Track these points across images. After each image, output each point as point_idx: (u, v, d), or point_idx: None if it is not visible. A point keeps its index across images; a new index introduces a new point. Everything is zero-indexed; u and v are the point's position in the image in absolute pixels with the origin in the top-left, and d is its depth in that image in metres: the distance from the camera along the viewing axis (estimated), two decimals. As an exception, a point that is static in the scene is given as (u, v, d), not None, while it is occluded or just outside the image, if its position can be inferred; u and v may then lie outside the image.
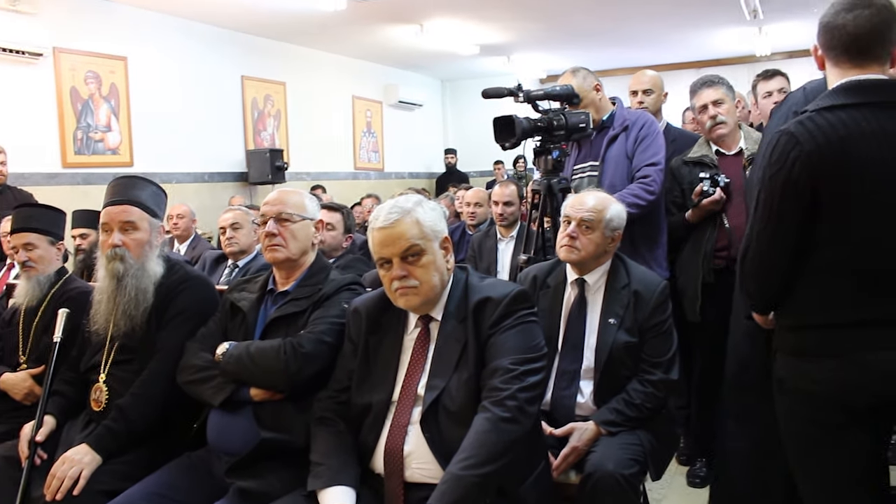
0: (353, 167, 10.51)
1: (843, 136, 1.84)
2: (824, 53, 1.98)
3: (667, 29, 9.16)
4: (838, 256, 1.89)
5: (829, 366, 1.92)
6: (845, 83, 1.90)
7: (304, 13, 7.57)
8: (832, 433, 1.94)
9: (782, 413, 2.05)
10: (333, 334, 2.30)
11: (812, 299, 1.94)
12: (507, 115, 3.04)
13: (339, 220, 3.93)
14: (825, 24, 1.95)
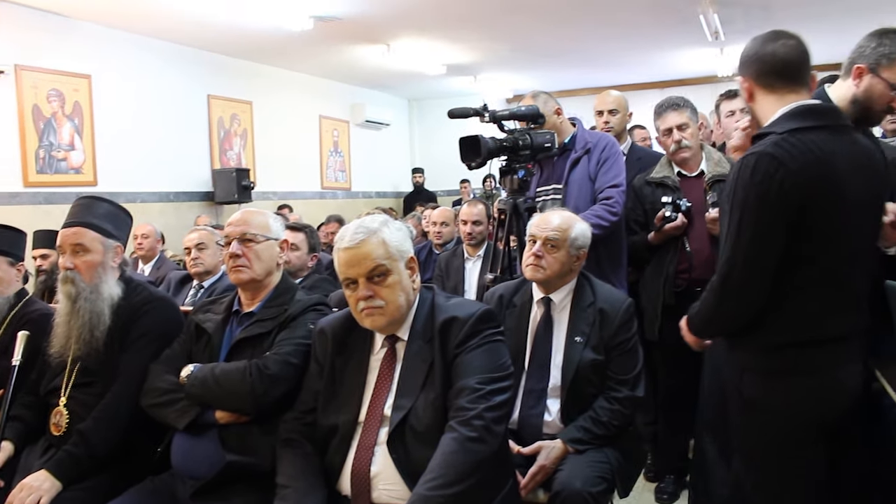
0: (320, 186, 10.48)
1: (820, 156, 1.90)
2: (755, 82, 2.06)
3: (630, 50, 9.28)
4: (813, 274, 1.94)
5: (804, 383, 1.97)
6: (798, 108, 1.98)
7: (271, 33, 7.56)
8: (804, 448, 2.01)
9: (752, 431, 2.08)
10: (299, 355, 2.29)
11: (785, 318, 1.97)
12: (472, 135, 3.06)
13: (303, 239, 3.91)
14: (753, 54, 2.05)
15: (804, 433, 2.00)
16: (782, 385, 1.99)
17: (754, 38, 2.07)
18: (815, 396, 1.97)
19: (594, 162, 3.40)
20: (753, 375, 2.04)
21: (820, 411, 1.99)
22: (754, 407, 2.04)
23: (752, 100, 2.09)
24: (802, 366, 1.97)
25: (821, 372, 1.97)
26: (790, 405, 1.98)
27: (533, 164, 3.25)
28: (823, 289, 1.96)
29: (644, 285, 3.53)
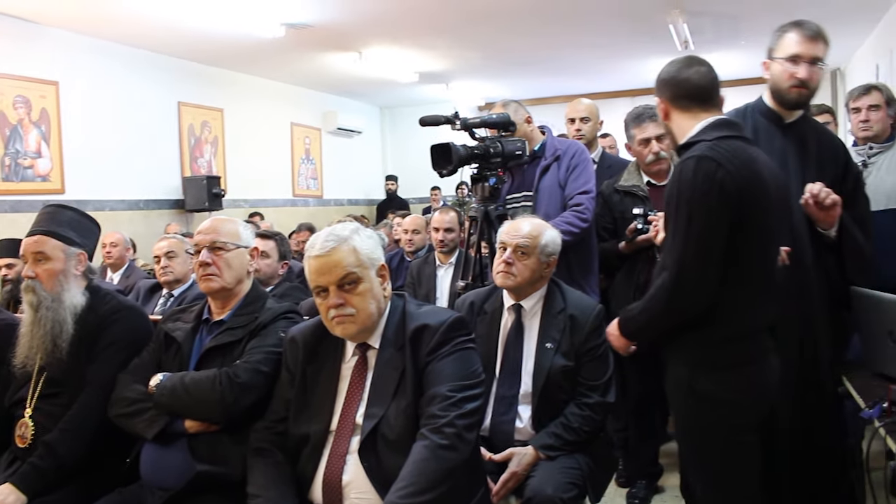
0: (291, 194, 10.44)
1: (747, 159, 2.08)
2: (670, 104, 2.24)
3: (601, 58, 9.36)
4: (744, 269, 2.09)
5: (747, 373, 2.15)
6: (717, 121, 2.17)
7: (242, 40, 7.53)
8: (749, 435, 2.18)
9: (701, 424, 2.20)
10: (270, 364, 2.27)
11: (722, 313, 2.11)
12: (444, 143, 3.07)
13: (273, 247, 3.89)
14: (669, 79, 2.23)
15: (747, 420, 2.17)
16: (730, 377, 2.13)
17: (670, 63, 2.26)
18: (757, 384, 2.16)
19: (564, 169, 3.42)
20: (704, 370, 2.15)
21: (761, 398, 2.19)
22: (707, 400, 2.14)
23: (668, 118, 2.27)
24: (745, 356, 2.15)
25: (759, 361, 2.17)
26: (738, 395, 2.14)
27: (504, 171, 3.26)
28: (752, 284, 2.12)
29: (615, 292, 3.55)
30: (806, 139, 2.57)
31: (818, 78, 2.50)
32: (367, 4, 6.70)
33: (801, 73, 2.47)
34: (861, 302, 2.56)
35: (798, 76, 2.47)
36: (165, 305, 3.99)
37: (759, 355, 2.18)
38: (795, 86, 2.48)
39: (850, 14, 7.59)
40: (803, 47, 2.48)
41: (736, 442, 2.17)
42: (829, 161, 2.56)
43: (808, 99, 2.53)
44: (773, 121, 2.60)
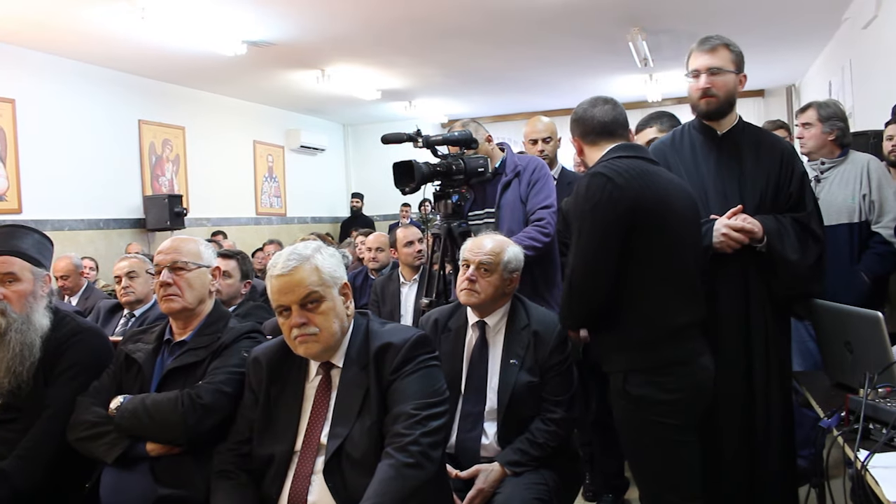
0: (254, 212, 10.38)
1: (642, 173, 2.26)
2: (582, 140, 2.47)
3: (563, 76, 9.46)
4: (653, 274, 2.25)
5: (677, 373, 2.25)
6: (619, 145, 2.38)
7: (204, 57, 7.49)
8: (685, 435, 2.28)
9: (636, 426, 2.31)
10: (233, 384, 2.25)
11: (642, 315, 2.26)
12: (406, 160, 3.07)
13: (235, 266, 3.86)
14: (578, 118, 2.46)
15: (681, 420, 2.27)
16: (660, 378, 2.25)
17: (580, 104, 2.48)
18: (688, 384, 2.27)
19: (525, 184, 3.44)
20: (637, 374, 2.27)
21: (694, 398, 2.29)
22: (640, 402, 2.26)
23: (582, 154, 2.48)
24: (672, 357, 2.26)
25: (687, 361, 2.28)
26: (669, 395, 2.24)
27: (467, 188, 3.27)
28: (669, 285, 2.27)
29: None
30: (741, 148, 2.63)
31: (722, 84, 2.59)
32: (330, 23, 6.72)
33: (700, 84, 2.59)
34: (819, 313, 2.61)
35: (699, 87, 2.59)
36: (126, 326, 3.93)
37: (686, 356, 2.29)
38: (701, 97, 2.60)
39: (802, 32, 7.79)
40: (700, 60, 2.61)
41: (672, 441, 2.27)
42: (769, 167, 2.61)
43: (718, 106, 2.60)
44: (707, 134, 2.67)
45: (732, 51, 2.61)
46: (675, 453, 2.28)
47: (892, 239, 3.39)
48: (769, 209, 2.57)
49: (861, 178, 3.46)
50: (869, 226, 3.45)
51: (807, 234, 2.58)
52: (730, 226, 2.47)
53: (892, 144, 3.98)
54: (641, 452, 2.34)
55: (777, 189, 2.59)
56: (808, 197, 2.65)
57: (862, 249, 3.43)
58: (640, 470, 2.38)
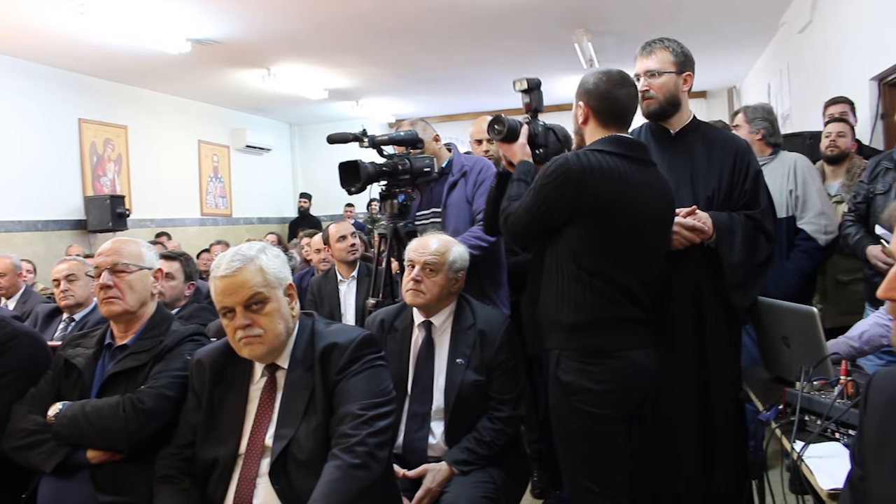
0: (199, 213, 10.23)
1: (606, 171, 2.27)
2: (593, 114, 2.40)
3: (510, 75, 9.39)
4: (597, 267, 2.28)
5: (608, 365, 2.27)
6: (611, 137, 2.36)
7: (147, 55, 7.36)
8: (614, 426, 2.29)
9: (564, 413, 2.33)
10: (176, 388, 2.22)
11: (574, 302, 2.29)
12: (351, 160, 3.06)
13: (179, 268, 3.79)
14: (602, 92, 2.38)
15: (610, 411, 2.27)
16: (591, 367, 2.27)
17: (604, 76, 2.40)
18: (620, 377, 2.28)
19: (471, 184, 3.46)
20: (567, 360, 2.30)
21: (625, 391, 2.29)
22: (569, 388, 2.29)
23: (585, 123, 2.43)
24: (604, 348, 2.29)
25: (620, 354, 2.29)
26: (599, 385, 2.26)
27: (413, 188, 3.27)
28: (610, 279, 2.29)
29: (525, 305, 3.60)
30: (693, 147, 2.67)
31: (660, 86, 2.64)
32: (275, 21, 6.66)
33: (639, 87, 2.63)
34: (758, 309, 2.68)
35: (639, 90, 2.63)
36: (66, 331, 3.84)
37: (616, 348, 2.30)
38: (641, 99, 2.64)
39: (743, 36, 7.96)
40: (638, 65, 2.68)
41: (599, 432, 2.28)
42: (722, 164, 2.65)
43: (658, 107, 2.66)
44: (660, 134, 2.71)
45: (672, 52, 2.65)
46: (598, 443, 2.29)
47: (817, 235, 3.50)
48: (721, 206, 2.61)
49: (788, 175, 3.58)
50: (795, 221, 3.57)
51: (759, 231, 2.63)
52: (681, 224, 2.50)
53: (830, 140, 4.11)
54: (567, 438, 2.35)
55: (731, 186, 2.63)
56: (762, 194, 2.70)
57: (790, 243, 3.54)
58: (564, 454, 2.39)
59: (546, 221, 2.32)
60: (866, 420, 1.43)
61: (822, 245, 3.55)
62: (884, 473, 1.34)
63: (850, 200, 3.59)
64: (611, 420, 2.28)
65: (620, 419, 2.30)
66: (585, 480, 2.32)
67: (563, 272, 2.31)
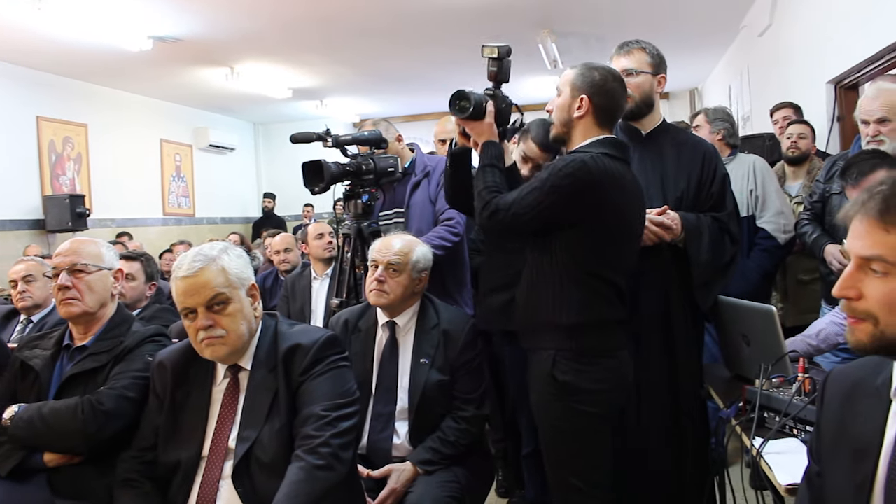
0: (162, 213, 10.09)
1: (616, 176, 2.26)
2: (594, 110, 2.33)
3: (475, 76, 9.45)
4: (598, 269, 2.27)
5: (605, 365, 2.28)
6: (607, 139, 2.34)
7: (107, 52, 7.23)
8: (604, 424, 2.31)
9: (558, 412, 2.29)
10: (137, 389, 2.20)
11: (583, 302, 2.26)
12: (315, 160, 3.05)
13: (139, 269, 3.74)
14: (609, 91, 2.34)
15: (603, 410, 2.29)
16: (590, 367, 2.26)
17: (611, 74, 2.37)
18: (614, 376, 2.30)
19: (434, 185, 3.46)
20: (566, 360, 2.26)
21: (618, 390, 2.32)
22: (567, 389, 2.26)
23: (582, 118, 2.35)
24: (602, 348, 2.29)
25: (614, 354, 2.31)
26: (597, 384, 2.26)
27: (376, 188, 3.27)
28: (607, 281, 2.29)
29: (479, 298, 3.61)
30: (663, 149, 2.71)
31: (637, 85, 2.66)
32: (239, 19, 6.60)
33: None
34: (719, 308, 2.72)
35: None
36: (24, 332, 3.77)
37: (614, 348, 2.32)
38: None
39: (704, 38, 8.07)
40: (615, 64, 2.68)
41: (591, 430, 2.29)
42: (691, 166, 2.69)
43: (636, 105, 2.67)
44: (632, 135, 2.73)
45: (649, 53, 2.68)
46: (589, 442, 2.30)
47: (777, 234, 3.57)
48: (689, 208, 2.64)
49: (748, 175, 3.64)
50: (755, 220, 3.63)
51: (724, 233, 2.67)
52: (653, 221, 2.53)
53: (792, 141, 4.18)
54: (557, 437, 2.33)
55: (699, 188, 2.67)
56: (728, 198, 2.74)
57: (751, 242, 3.60)
58: (552, 453, 2.37)
59: (551, 220, 2.27)
60: (823, 417, 1.46)
61: (781, 243, 3.61)
62: (839, 469, 1.37)
63: (807, 199, 3.66)
64: (602, 419, 2.29)
65: (610, 418, 2.33)
66: (572, 478, 2.31)
67: (561, 273, 2.28)
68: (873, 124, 3.06)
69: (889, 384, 1.31)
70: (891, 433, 1.28)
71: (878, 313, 1.22)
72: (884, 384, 1.33)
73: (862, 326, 1.25)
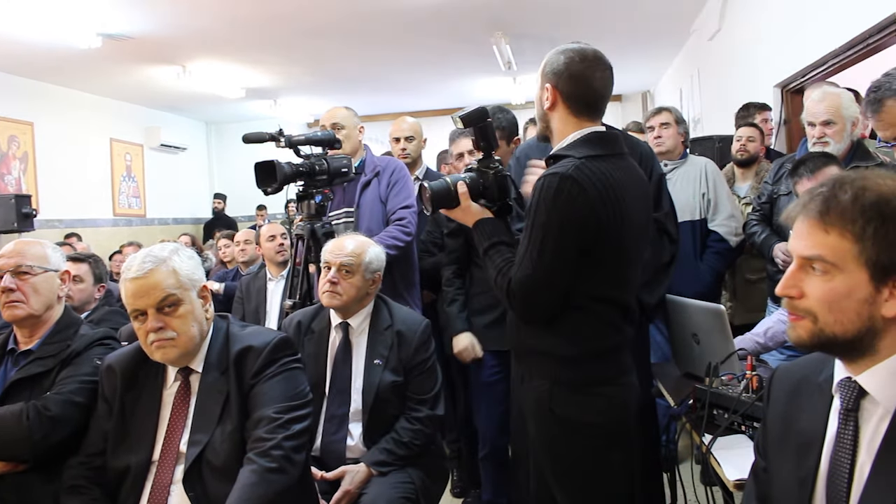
0: (111, 213, 9.91)
1: (612, 183, 1.97)
2: (562, 99, 2.06)
3: (429, 77, 9.54)
4: (596, 291, 2.01)
5: (606, 393, 2.04)
6: (591, 134, 2.05)
7: (55, 49, 7.08)
8: (614, 454, 2.06)
9: (562, 449, 2.08)
10: (84, 394, 2.16)
11: (586, 330, 2.02)
12: (268, 160, 3.02)
13: (87, 270, 3.66)
14: (574, 73, 2.03)
15: (609, 440, 2.06)
16: (590, 399, 2.03)
17: (578, 54, 2.05)
18: (617, 404, 2.05)
19: (384, 185, 3.47)
20: (564, 391, 2.04)
21: (622, 418, 2.07)
22: (567, 423, 2.04)
23: (553, 109, 2.09)
24: (603, 377, 2.05)
25: (617, 381, 2.06)
26: (598, 416, 2.03)
27: (330, 189, 3.25)
28: (610, 304, 2.04)
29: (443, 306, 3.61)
30: None
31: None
32: (190, 17, 6.51)
33: None
34: (669, 307, 2.76)
35: None
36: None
37: (617, 374, 2.07)
38: None
39: (655, 41, 8.19)
40: None
41: (601, 462, 2.06)
42: None
43: None
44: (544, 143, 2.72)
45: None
46: (603, 475, 2.07)
47: (728, 237, 3.63)
48: None
49: (700, 179, 3.70)
50: (707, 223, 3.69)
51: (662, 234, 2.70)
52: None
53: (741, 144, 4.27)
54: (567, 474, 2.11)
55: None
56: (664, 198, 2.77)
57: (703, 244, 3.66)
58: (564, 492, 2.13)
59: (567, 263, 1.96)
60: (769, 413, 1.50)
61: (733, 246, 3.67)
62: (784, 463, 1.40)
63: (755, 201, 3.74)
64: (612, 448, 2.06)
65: (621, 445, 2.08)
66: None
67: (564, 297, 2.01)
68: (819, 126, 3.14)
69: (831, 380, 1.35)
70: (832, 428, 1.32)
71: (818, 311, 1.25)
72: (826, 380, 1.36)
73: (802, 323, 1.28)
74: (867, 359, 1.27)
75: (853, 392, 1.29)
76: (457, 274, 3.32)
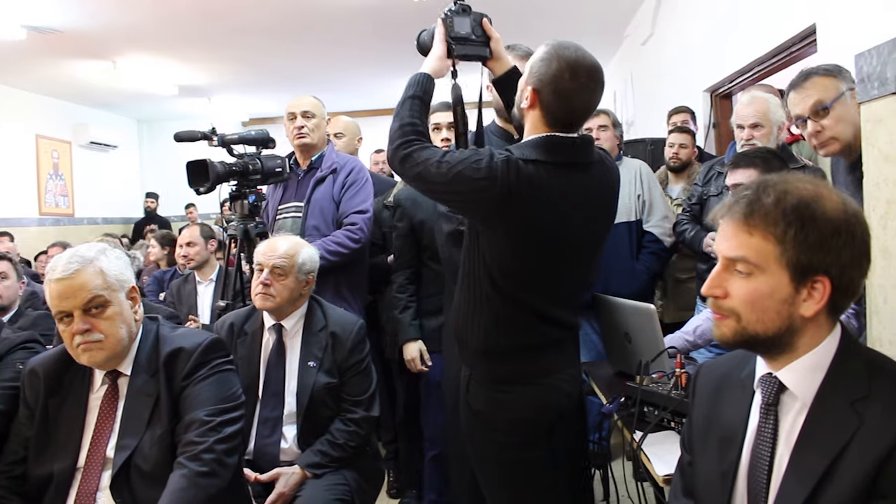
0: (38, 212, 9.61)
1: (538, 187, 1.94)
2: (541, 106, 1.99)
3: (367, 76, 9.51)
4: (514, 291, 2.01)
5: (525, 393, 2.05)
6: (550, 139, 1.99)
7: (-25, 42, 6.85)
8: (529, 452, 2.07)
9: (477, 441, 2.13)
10: (6, 400, 2.09)
11: (498, 325, 2.03)
12: (200, 159, 2.97)
13: (10, 267, 3.54)
14: (561, 91, 1.95)
15: (527, 438, 2.07)
16: (505, 396, 2.06)
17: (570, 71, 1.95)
18: (536, 403, 2.05)
19: (339, 185, 3.35)
20: (478, 387, 2.10)
21: (541, 417, 2.06)
22: (481, 418, 2.10)
23: (531, 109, 2.02)
24: (521, 375, 2.06)
25: (539, 380, 2.06)
26: (514, 413, 2.05)
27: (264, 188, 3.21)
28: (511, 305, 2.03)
29: (386, 305, 3.59)
30: None
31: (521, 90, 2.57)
32: (121, 11, 6.36)
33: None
34: (601, 307, 2.80)
35: None
36: None
37: (534, 374, 2.06)
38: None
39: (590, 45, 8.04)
40: None
41: (516, 458, 2.08)
42: None
43: None
44: (504, 138, 2.72)
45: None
46: (518, 472, 2.09)
47: (663, 237, 3.70)
48: None
49: (635, 181, 3.75)
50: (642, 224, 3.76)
51: None
52: None
53: (673, 151, 4.36)
54: (485, 467, 2.16)
55: None
56: None
57: (639, 245, 3.72)
58: (485, 483, 2.19)
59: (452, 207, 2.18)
60: (694, 408, 1.54)
61: (667, 246, 3.75)
62: (708, 457, 1.44)
63: (685, 202, 3.82)
64: (529, 446, 2.06)
65: (537, 444, 2.07)
66: None
67: (475, 286, 2.04)
68: (748, 129, 3.23)
69: (753, 376, 1.39)
70: (753, 422, 1.37)
71: (741, 311, 1.30)
72: (748, 376, 1.41)
73: (726, 322, 1.33)
74: (787, 355, 1.32)
75: (773, 387, 1.34)
76: (410, 280, 3.23)
